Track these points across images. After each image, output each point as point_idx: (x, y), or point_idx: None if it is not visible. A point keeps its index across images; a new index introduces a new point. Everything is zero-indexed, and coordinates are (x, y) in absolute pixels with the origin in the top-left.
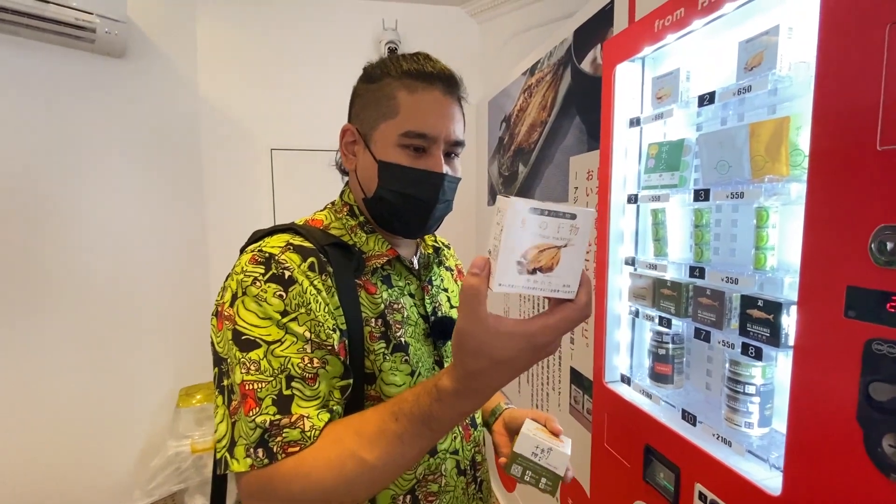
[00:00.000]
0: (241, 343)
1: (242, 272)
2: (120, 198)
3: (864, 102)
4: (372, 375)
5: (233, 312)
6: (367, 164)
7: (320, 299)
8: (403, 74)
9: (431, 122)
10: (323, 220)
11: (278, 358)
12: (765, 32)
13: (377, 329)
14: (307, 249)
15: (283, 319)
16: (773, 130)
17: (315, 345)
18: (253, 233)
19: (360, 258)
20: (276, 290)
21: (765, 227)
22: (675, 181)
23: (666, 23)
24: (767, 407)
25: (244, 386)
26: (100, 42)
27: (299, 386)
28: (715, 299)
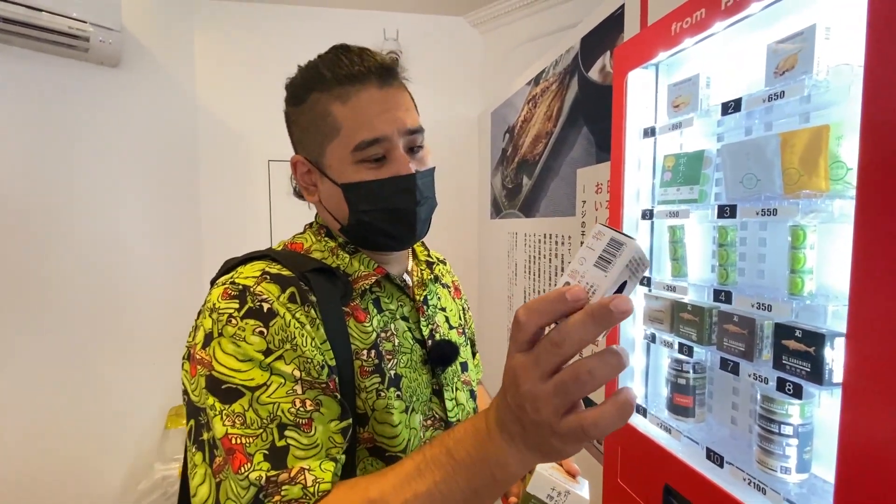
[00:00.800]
0: (221, 393)
1: (215, 309)
2: (114, 210)
3: None
4: (364, 416)
5: (208, 356)
6: (331, 192)
7: (305, 333)
8: (329, 83)
9: (378, 124)
10: (303, 243)
11: (265, 405)
12: (799, 33)
13: (369, 362)
14: (286, 278)
15: (266, 359)
16: (808, 140)
17: (306, 384)
18: (224, 262)
19: (346, 282)
20: (255, 326)
21: (801, 247)
22: (694, 196)
23: (684, 25)
24: (806, 450)
25: (229, 440)
26: (94, 51)
27: (294, 434)
28: (744, 327)
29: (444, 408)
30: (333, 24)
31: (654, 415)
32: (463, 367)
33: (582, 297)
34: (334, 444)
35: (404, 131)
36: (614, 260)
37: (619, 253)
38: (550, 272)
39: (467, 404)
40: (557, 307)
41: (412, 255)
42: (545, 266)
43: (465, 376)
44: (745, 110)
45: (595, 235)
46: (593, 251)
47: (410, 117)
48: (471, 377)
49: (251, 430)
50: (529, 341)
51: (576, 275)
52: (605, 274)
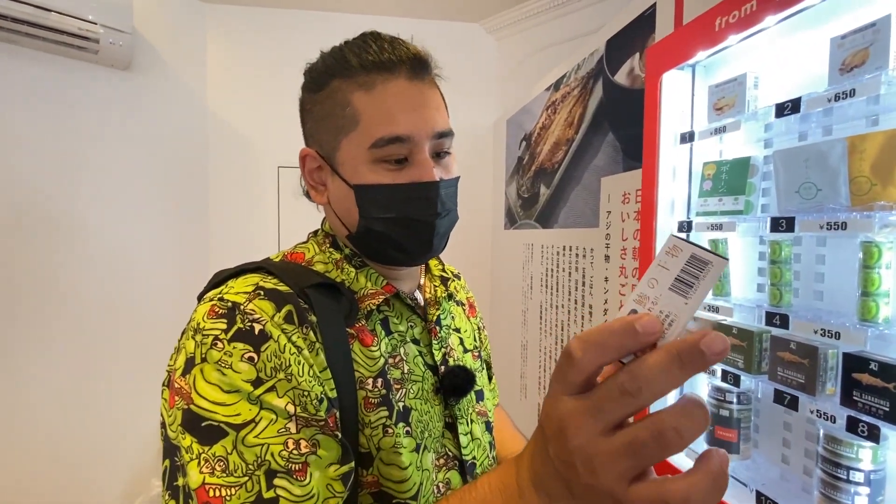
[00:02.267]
0: (200, 431)
1: (199, 330)
2: (121, 214)
3: None
4: (368, 456)
5: (188, 386)
6: (341, 192)
7: (302, 360)
8: (353, 70)
9: (403, 120)
10: (305, 253)
11: (252, 447)
12: (870, 24)
13: (375, 393)
14: (282, 294)
15: (255, 391)
16: (883, 145)
17: (301, 421)
18: (214, 274)
19: (351, 300)
20: (245, 351)
21: (876, 267)
22: (739, 206)
23: (731, 20)
24: (879, 500)
25: (206, 490)
26: (104, 53)
27: (285, 483)
28: (804, 356)
29: (457, 444)
30: (346, 30)
31: (693, 449)
32: (478, 397)
33: (657, 330)
34: (333, 493)
35: (432, 133)
36: (696, 283)
37: (704, 274)
38: (570, 286)
39: (483, 438)
40: (624, 342)
41: (425, 270)
42: (563, 279)
43: (479, 406)
44: (805, 111)
45: (669, 251)
46: (668, 271)
47: (441, 118)
48: (487, 407)
49: (234, 477)
50: (584, 383)
51: (645, 300)
52: (685, 301)
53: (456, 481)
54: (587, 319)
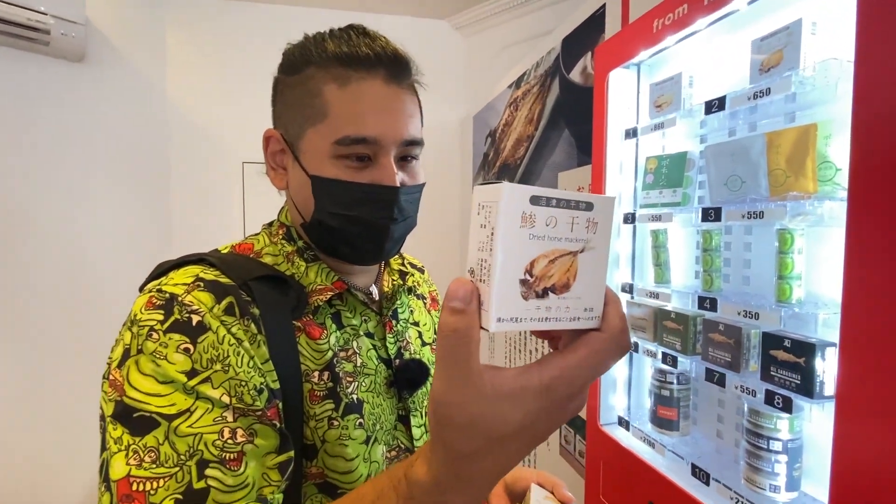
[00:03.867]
0: (132, 423)
1: (136, 321)
2: (78, 212)
3: None
4: (312, 448)
5: (121, 378)
6: (300, 180)
7: (241, 350)
8: (330, 60)
9: (373, 122)
10: (254, 244)
11: (185, 437)
12: (784, 28)
13: (322, 386)
14: (223, 286)
15: (190, 382)
16: (795, 140)
17: (238, 411)
18: (157, 265)
19: (300, 293)
20: (181, 342)
21: (789, 252)
22: (677, 199)
23: (666, 22)
24: (796, 467)
25: (128, 484)
26: (55, 45)
27: (217, 473)
28: (730, 336)
29: (410, 436)
30: (312, 24)
31: (638, 428)
32: None
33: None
34: (269, 482)
35: (401, 140)
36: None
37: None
38: None
39: None
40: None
41: (384, 264)
42: None
43: None
44: (730, 109)
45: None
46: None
47: (413, 126)
48: None
49: (164, 468)
50: None
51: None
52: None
53: None
54: None
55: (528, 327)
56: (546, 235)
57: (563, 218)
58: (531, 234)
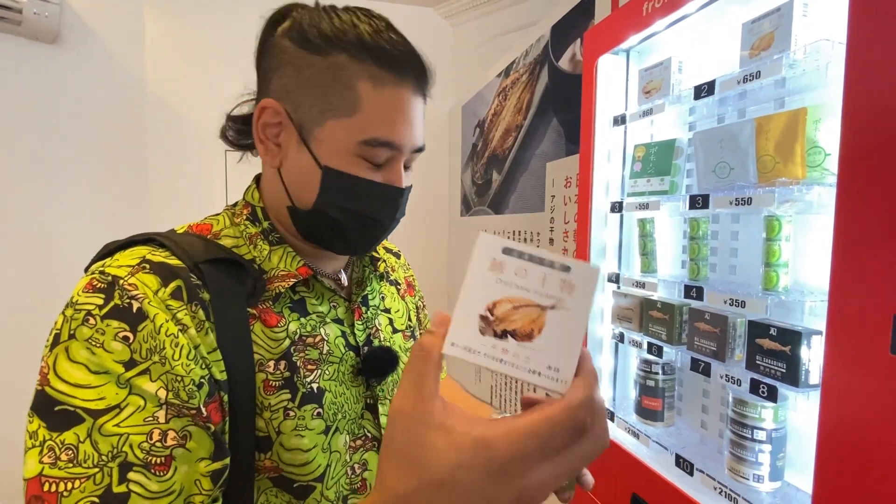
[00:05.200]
0: (51, 416)
1: (73, 304)
2: (51, 199)
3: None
4: (266, 440)
5: (47, 365)
6: (304, 166)
7: (182, 341)
8: (365, 54)
9: (400, 129)
10: (212, 225)
11: (109, 437)
12: (775, 10)
13: (277, 376)
14: (171, 269)
15: (126, 373)
16: (785, 125)
17: (172, 410)
18: (104, 245)
19: (257, 278)
20: (119, 329)
21: (776, 239)
22: (665, 187)
23: (656, 5)
24: (780, 456)
25: (39, 484)
26: (28, 24)
27: (140, 478)
28: (716, 325)
29: (377, 424)
30: None
31: (622, 419)
32: None
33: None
34: (200, 489)
35: (414, 147)
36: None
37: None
38: None
39: None
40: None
41: None
42: None
43: None
44: (719, 93)
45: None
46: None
47: (421, 134)
48: None
49: (81, 468)
50: None
51: None
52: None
53: (373, 462)
54: None
55: (484, 363)
56: (514, 283)
57: (534, 272)
58: (499, 279)
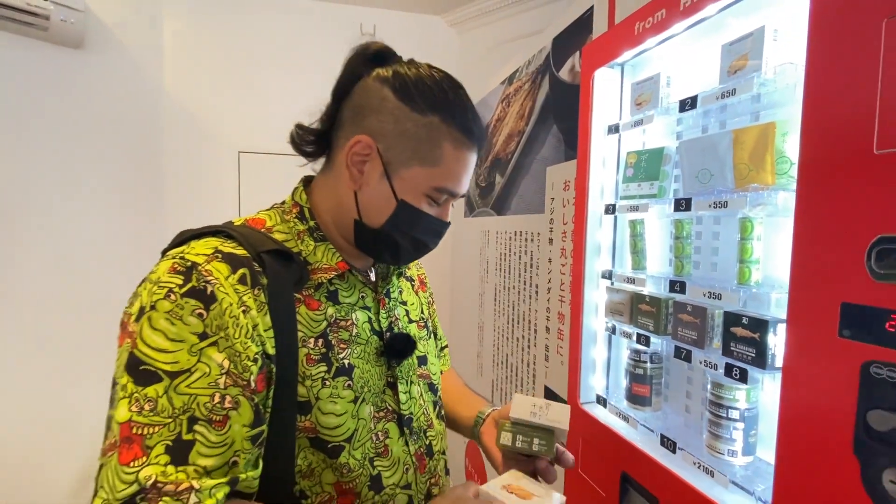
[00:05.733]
0: (138, 374)
1: (157, 282)
2: (71, 199)
3: (860, 103)
4: (307, 404)
5: (136, 330)
6: (382, 194)
7: (244, 322)
8: (454, 123)
9: (463, 184)
10: (266, 220)
11: (183, 395)
12: (749, 35)
13: (316, 351)
14: (238, 258)
15: (199, 343)
16: (757, 137)
17: (231, 378)
18: (179, 233)
19: (303, 268)
20: (195, 307)
21: (749, 238)
22: (654, 191)
23: (646, 25)
24: (752, 433)
25: (129, 427)
26: (54, 30)
27: (204, 430)
28: (696, 316)
29: (397, 400)
30: (309, 16)
31: (614, 405)
32: (420, 361)
33: None
34: (244, 448)
35: (462, 194)
36: None
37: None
38: (520, 268)
39: (423, 398)
40: None
41: None
42: (515, 262)
43: (422, 370)
44: (701, 107)
45: None
46: None
47: None
48: (430, 371)
49: (159, 418)
50: None
51: None
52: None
53: (393, 431)
54: (534, 298)
55: None
56: None
57: None
58: None
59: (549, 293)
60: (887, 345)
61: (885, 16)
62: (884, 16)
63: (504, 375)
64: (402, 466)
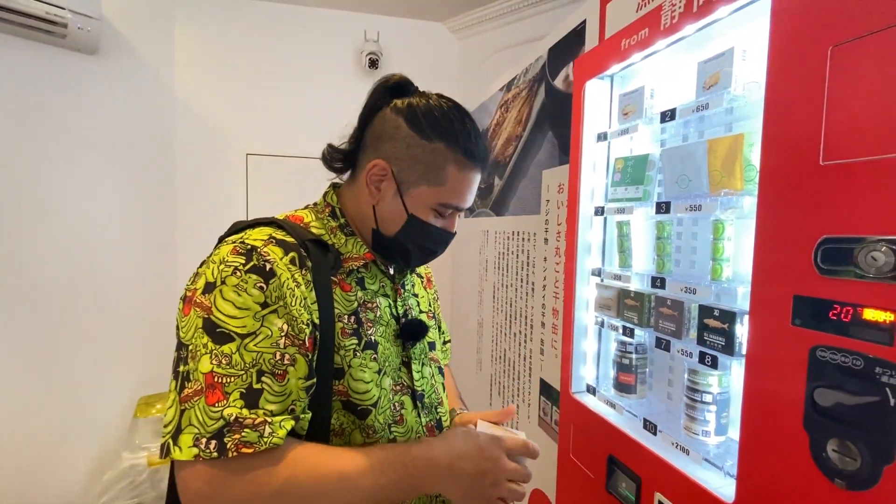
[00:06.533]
0: (215, 335)
1: (222, 262)
2: (86, 200)
3: (808, 119)
4: (341, 370)
5: (208, 301)
6: (395, 209)
7: (297, 294)
8: (458, 148)
9: (466, 199)
10: (304, 217)
11: (251, 352)
12: (721, 54)
13: (349, 325)
14: (289, 244)
15: (261, 311)
16: (728, 147)
17: (289, 340)
18: (233, 224)
19: (337, 257)
20: (257, 280)
21: (721, 239)
22: (639, 195)
23: (632, 42)
24: (724, 415)
25: (212, 376)
26: (71, 38)
27: (269, 381)
28: (675, 309)
29: (411, 377)
30: (315, 23)
31: (603, 393)
32: (431, 346)
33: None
34: (299, 397)
35: (466, 208)
36: None
37: None
38: (517, 267)
39: (434, 378)
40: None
41: None
42: (513, 262)
43: (432, 354)
44: (680, 119)
45: None
46: None
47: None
48: (437, 356)
49: (234, 370)
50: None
51: None
52: None
53: (408, 403)
54: (530, 295)
55: None
56: None
57: None
58: None
59: (544, 290)
60: (831, 331)
61: (831, 44)
62: (830, 44)
63: (502, 370)
64: (415, 434)
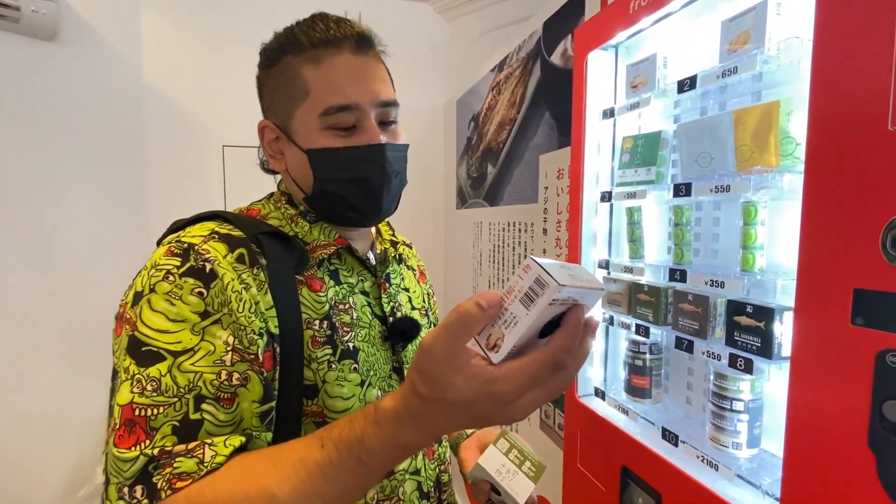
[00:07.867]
0: (140, 356)
1: (154, 266)
2: (50, 196)
3: (872, 77)
4: (314, 388)
5: (134, 315)
6: (297, 158)
7: (246, 297)
8: (303, 48)
9: (349, 90)
10: (259, 209)
11: (187, 373)
12: (751, 9)
13: (321, 333)
14: (235, 238)
15: (201, 322)
16: (760, 117)
17: (238, 355)
18: (172, 223)
19: (302, 251)
20: (195, 286)
21: (753, 223)
22: (651, 177)
23: (642, 3)
24: (756, 425)
25: (131, 409)
26: (26, 22)
27: (212, 409)
28: (698, 305)
29: None
30: (292, 4)
31: (613, 397)
32: None
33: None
34: (252, 426)
35: (377, 102)
36: (537, 299)
37: (543, 293)
38: (514, 260)
39: None
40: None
41: (377, 234)
42: (509, 255)
43: None
44: (700, 87)
45: (524, 268)
46: (522, 281)
47: (385, 89)
48: None
49: (163, 397)
50: None
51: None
52: (526, 311)
53: None
54: None
55: None
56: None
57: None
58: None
59: None
60: None
61: None
62: None
63: None
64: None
